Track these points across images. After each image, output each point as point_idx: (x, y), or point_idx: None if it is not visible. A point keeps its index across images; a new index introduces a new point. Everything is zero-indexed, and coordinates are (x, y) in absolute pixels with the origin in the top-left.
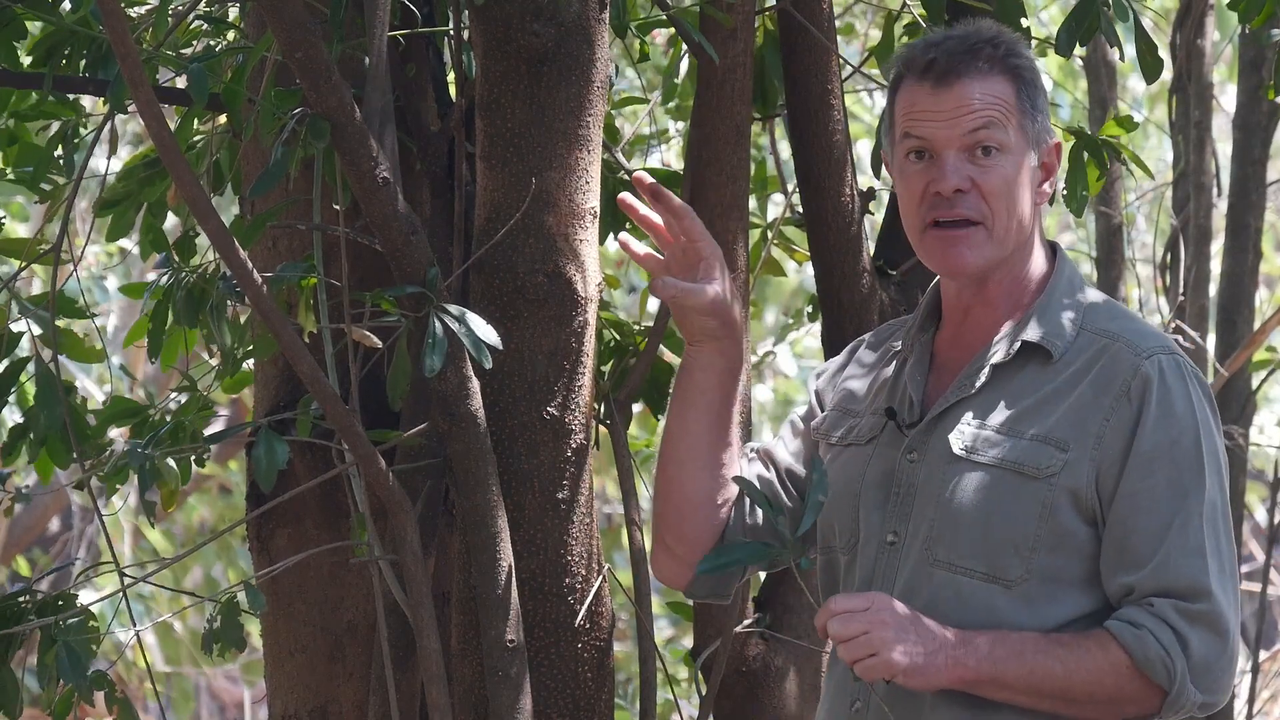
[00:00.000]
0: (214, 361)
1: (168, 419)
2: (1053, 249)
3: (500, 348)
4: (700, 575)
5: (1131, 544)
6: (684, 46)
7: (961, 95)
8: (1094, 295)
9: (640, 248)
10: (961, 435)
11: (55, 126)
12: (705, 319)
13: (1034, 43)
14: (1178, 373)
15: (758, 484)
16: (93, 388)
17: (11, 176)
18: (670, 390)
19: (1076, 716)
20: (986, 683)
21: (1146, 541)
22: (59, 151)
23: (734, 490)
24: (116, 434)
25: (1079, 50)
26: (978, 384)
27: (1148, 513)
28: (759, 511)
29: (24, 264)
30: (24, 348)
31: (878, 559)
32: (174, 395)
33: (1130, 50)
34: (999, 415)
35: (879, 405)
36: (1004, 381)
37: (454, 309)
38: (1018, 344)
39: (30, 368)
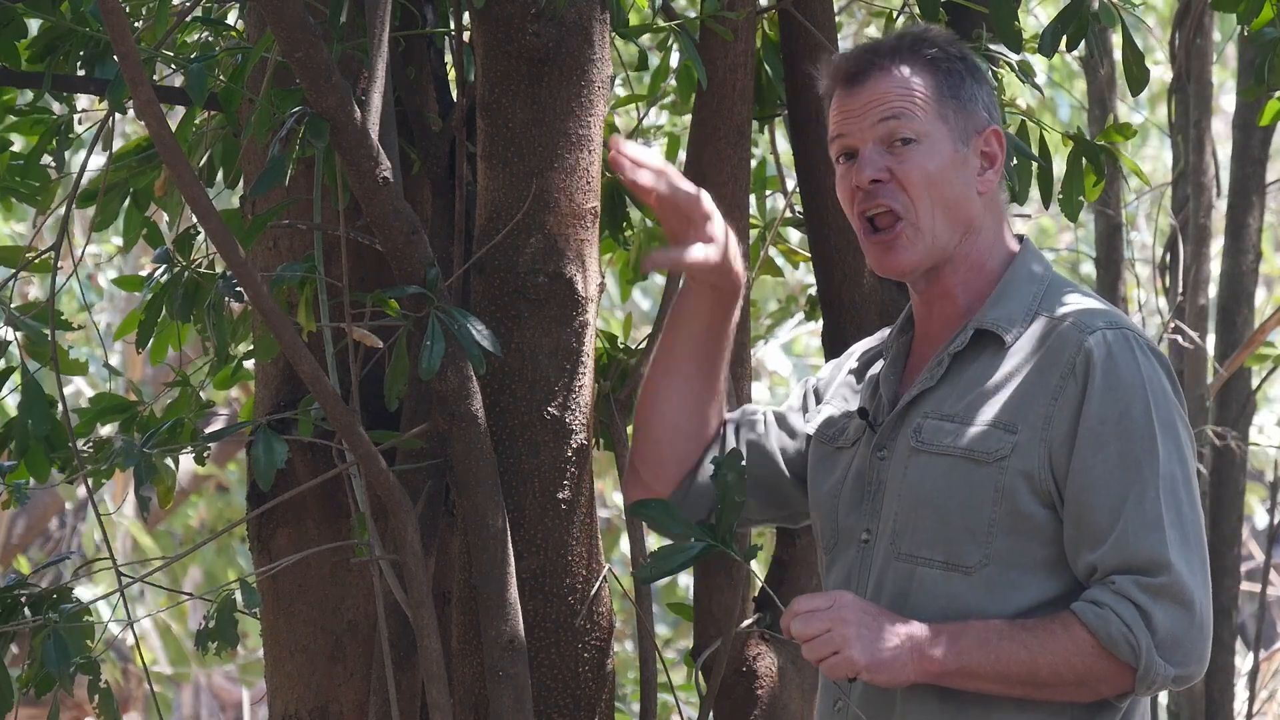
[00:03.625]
0: (207, 359)
1: (157, 415)
2: (1020, 241)
3: (498, 354)
4: (646, 576)
5: (1089, 521)
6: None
7: (871, 91)
8: (1060, 282)
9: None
10: (919, 427)
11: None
12: (703, 272)
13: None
14: (1125, 345)
15: (745, 449)
16: (84, 387)
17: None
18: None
19: (1050, 699)
20: (954, 674)
21: (1103, 517)
22: (51, 147)
23: (711, 432)
24: (109, 431)
25: (1079, 50)
26: (937, 376)
27: (1102, 487)
28: (710, 468)
29: (16, 271)
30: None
31: (855, 558)
32: (167, 391)
33: (1119, 56)
34: (954, 404)
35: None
36: (960, 371)
37: (454, 311)
38: (970, 332)
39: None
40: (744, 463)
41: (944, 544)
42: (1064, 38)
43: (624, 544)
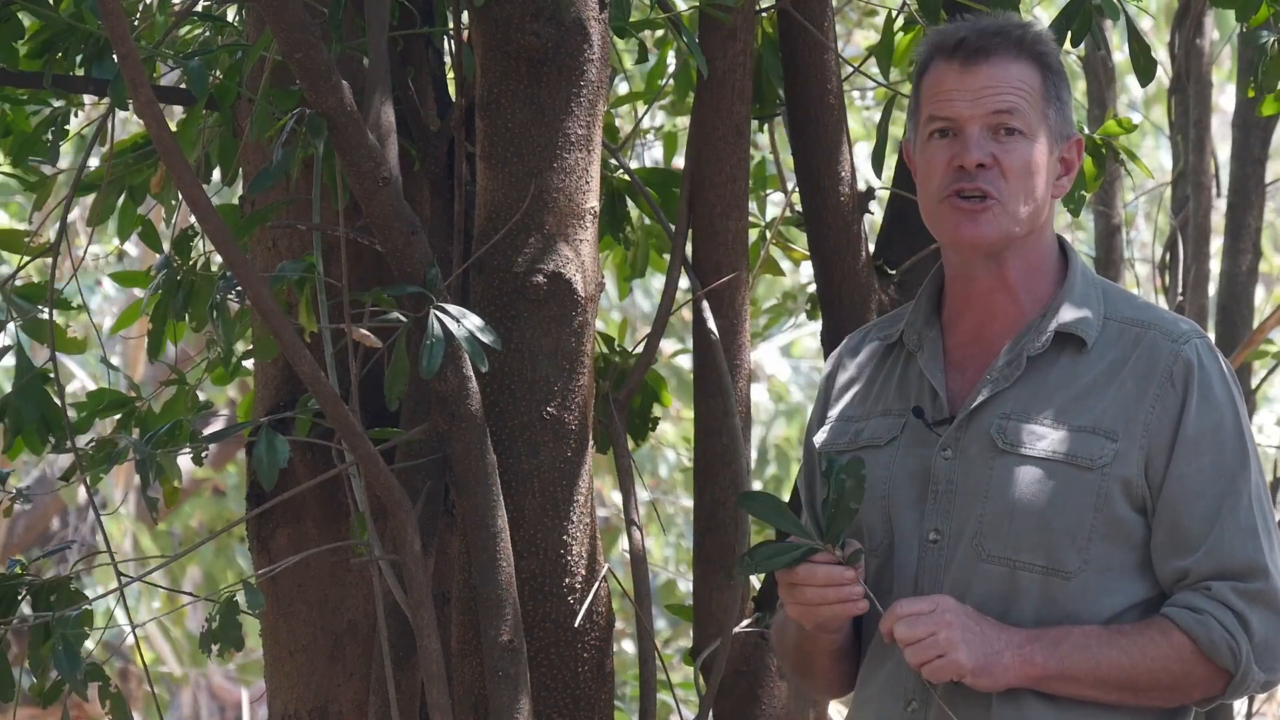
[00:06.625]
0: (205, 357)
1: (155, 411)
2: (1060, 242)
3: (499, 349)
4: (747, 569)
5: (1183, 527)
6: (674, 45)
7: (989, 75)
8: (1108, 285)
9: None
10: (1004, 429)
11: (47, 112)
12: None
13: None
14: (1213, 356)
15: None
16: (88, 381)
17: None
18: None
19: (1142, 705)
20: (1054, 678)
21: (1198, 524)
22: (48, 136)
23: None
24: (108, 429)
25: (1079, 50)
26: (1013, 377)
27: (1197, 496)
28: None
29: (22, 264)
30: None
31: (921, 559)
32: (165, 388)
33: (1122, 53)
34: (1041, 407)
35: (889, 406)
36: (1040, 373)
37: (454, 309)
38: (1050, 334)
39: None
40: (864, 471)
41: (1044, 548)
42: (1068, 34)
43: (623, 543)
